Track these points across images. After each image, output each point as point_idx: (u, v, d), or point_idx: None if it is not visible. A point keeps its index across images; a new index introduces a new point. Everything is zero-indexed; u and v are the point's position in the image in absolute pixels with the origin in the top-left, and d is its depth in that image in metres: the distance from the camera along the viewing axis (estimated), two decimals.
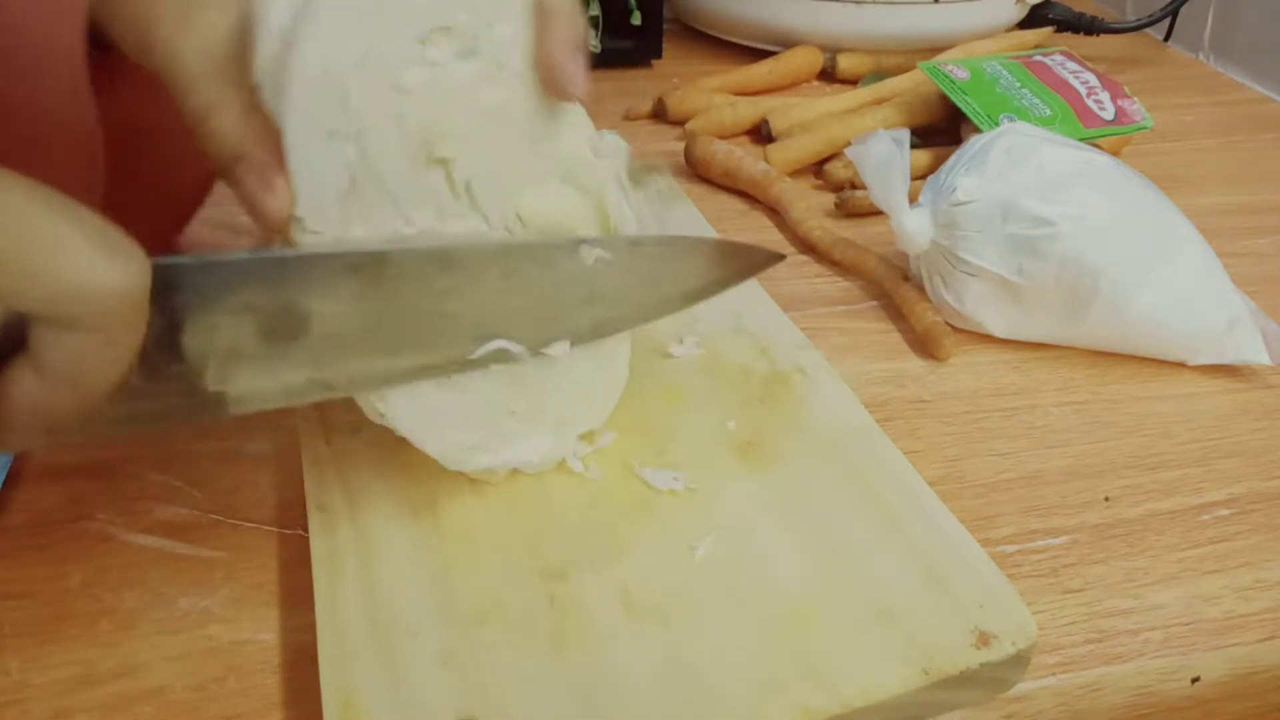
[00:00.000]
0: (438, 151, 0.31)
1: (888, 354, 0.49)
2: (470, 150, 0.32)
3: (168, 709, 0.32)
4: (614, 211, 0.35)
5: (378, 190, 0.31)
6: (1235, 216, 0.62)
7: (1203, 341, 0.47)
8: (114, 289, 0.23)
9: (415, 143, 0.31)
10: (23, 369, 0.23)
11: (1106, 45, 0.87)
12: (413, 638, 0.32)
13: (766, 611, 0.33)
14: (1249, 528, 0.40)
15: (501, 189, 0.33)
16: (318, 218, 0.30)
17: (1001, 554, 0.38)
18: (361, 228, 0.31)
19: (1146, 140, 0.69)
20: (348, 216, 0.30)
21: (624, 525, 0.36)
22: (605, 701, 0.30)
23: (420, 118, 0.31)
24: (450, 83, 0.31)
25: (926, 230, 0.48)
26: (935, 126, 0.67)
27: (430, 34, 0.30)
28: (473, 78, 0.31)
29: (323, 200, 0.30)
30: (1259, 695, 0.36)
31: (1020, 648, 0.32)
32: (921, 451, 0.43)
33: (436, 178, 0.32)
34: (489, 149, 0.32)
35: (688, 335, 0.45)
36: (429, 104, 0.31)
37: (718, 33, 0.86)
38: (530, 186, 0.34)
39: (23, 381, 0.23)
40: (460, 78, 0.31)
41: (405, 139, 0.31)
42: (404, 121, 0.31)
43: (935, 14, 0.79)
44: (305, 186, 0.30)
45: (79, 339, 0.23)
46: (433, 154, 0.31)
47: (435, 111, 0.31)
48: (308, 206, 0.30)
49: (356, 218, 0.31)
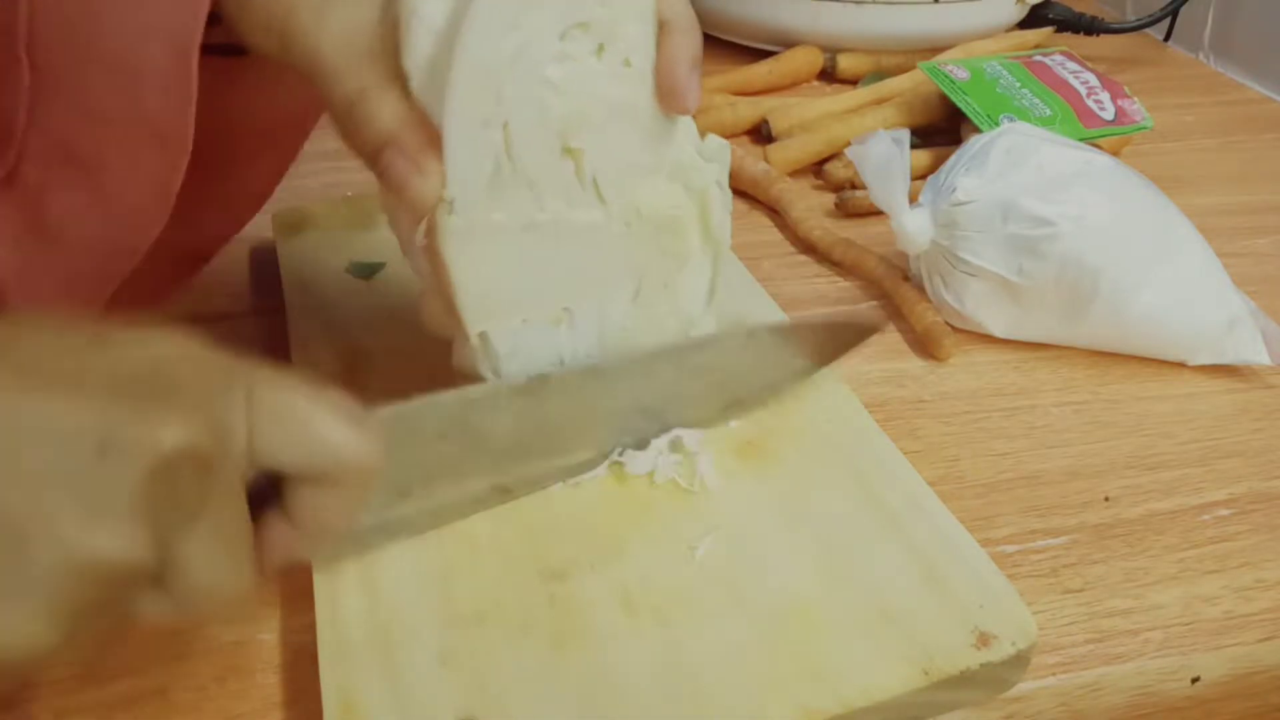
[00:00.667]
0: (572, 142, 0.33)
1: (887, 354, 0.49)
2: (599, 142, 0.34)
3: (168, 709, 0.32)
4: (715, 211, 0.37)
5: (517, 177, 0.33)
6: (1235, 216, 0.62)
7: (1203, 341, 0.47)
8: (359, 453, 0.27)
9: (554, 133, 0.33)
10: (276, 519, 0.28)
11: (1106, 45, 0.87)
12: (413, 638, 0.32)
13: (766, 611, 0.33)
14: (1249, 528, 0.40)
15: (622, 182, 0.35)
16: (464, 201, 0.32)
17: (1001, 554, 0.38)
18: (501, 213, 0.33)
19: (1146, 140, 0.69)
20: (490, 202, 0.33)
21: (624, 525, 0.36)
22: (605, 701, 0.30)
23: (560, 109, 0.33)
24: (585, 77, 0.33)
25: (926, 230, 0.48)
26: (935, 126, 0.67)
27: (570, 29, 0.32)
28: (604, 73, 0.33)
29: (470, 185, 0.32)
30: (1259, 695, 0.36)
31: (1020, 648, 0.32)
32: (921, 451, 0.43)
33: (568, 168, 0.34)
34: (614, 142, 0.34)
35: None
36: (568, 97, 0.33)
37: (718, 33, 0.86)
38: (646, 181, 0.36)
39: (277, 528, 0.28)
40: (593, 72, 0.33)
41: (546, 129, 0.33)
42: (546, 112, 0.32)
43: (935, 14, 0.79)
44: (456, 171, 0.31)
45: (327, 493, 0.28)
46: (568, 144, 0.33)
47: (573, 104, 0.33)
48: (457, 190, 0.32)
49: (498, 203, 0.33)
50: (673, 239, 0.37)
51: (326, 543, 0.29)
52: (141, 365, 0.25)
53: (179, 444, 0.24)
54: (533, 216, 0.34)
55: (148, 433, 0.24)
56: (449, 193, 0.31)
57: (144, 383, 0.24)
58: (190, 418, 0.24)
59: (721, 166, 0.38)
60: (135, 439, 0.23)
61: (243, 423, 0.26)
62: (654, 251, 0.37)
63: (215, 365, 0.26)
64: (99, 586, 0.23)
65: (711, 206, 0.37)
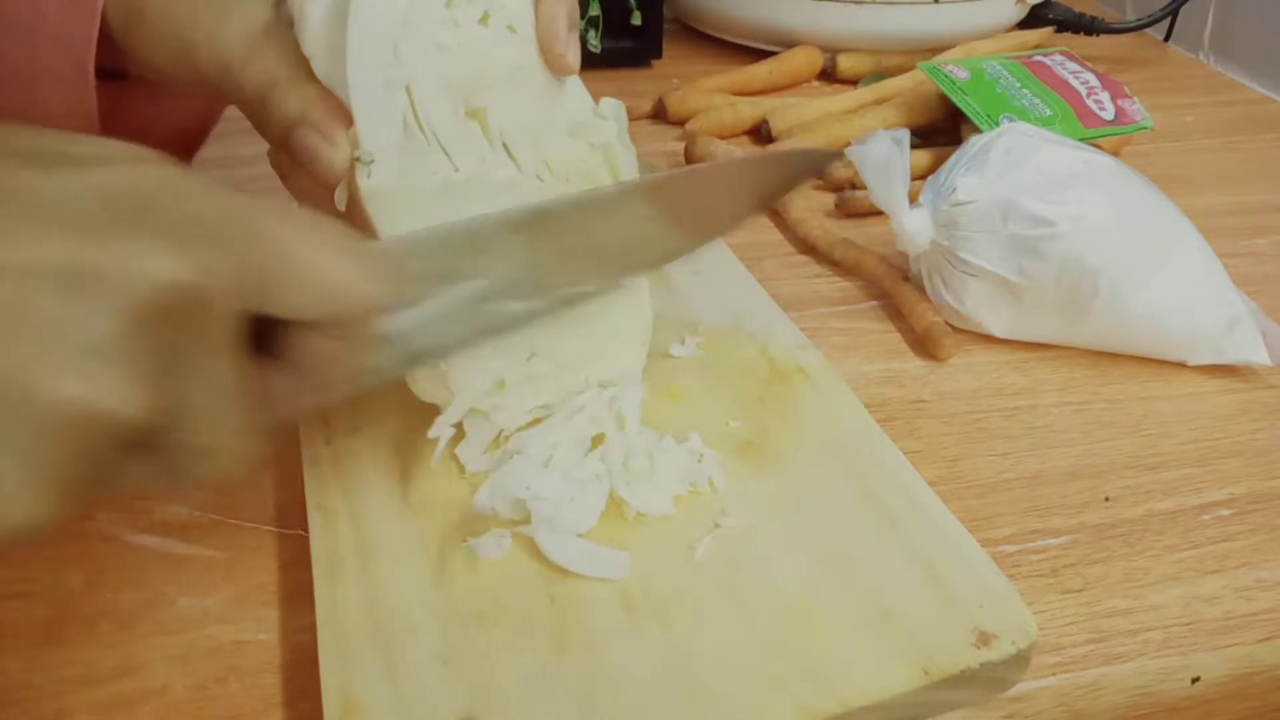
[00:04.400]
0: (473, 102, 0.35)
1: (887, 354, 0.49)
2: (499, 102, 0.36)
3: (168, 709, 0.32)
4: (621, 165, 0.39)
5: (429, 139, 0.34)
6: (1235, 216, 0.62)
7: (1203, 341, 0.47)
8: (364, 293, 0.25)
9: (456, 95, 0.35)
10: (279, 368, 0.26)
11: (1106, 45, 0.87)
12: (413, 638, 0.32)
13: (766, 611, 0.33)
14: (1249, 528, 0.40)
15: (529, 140, 0.37)
16: (380, 164, 0.33)
17: (1001, 554, 0.38)
18: (417, 174, 0.34)
19: (1146, 140, 0.69)
20: (406, 163, 0.34)
21: (624, 525, 0.36)
22: (605, 701, 0.30)
23: (457, 71, 0.35)
24: (475, 42, 0.35)
25: (926, 230, 0.48)
26: (935, 126, 0.67)
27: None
28: (491, 39, 0.35)
29: (382, 147, 0.33)
30: (1259, 695, 0.36)
31: (1020, 647, 0.32)
32: (921, 451, 0.43)
33: (474, 129, 0.36)
34: (514, 103, 0.36)
35: (688, 336, 0.45)
36: (462, 60, 0.35)
37: (718, 33, 0.86)
38: (551, 139, 0.37)
39: (280, 378, 0.26)
40: (482, 38, 0.35)
41: (448, 91, 0.35)
42: (444, 75, 0.34)
43: (935, 14, 0.79)
44: (367, 132, 0.33)
45: (329, 337, 0.26)
46: (471, 105, 0.35)
47: (468, 66, 0.35)
48: (371, 150, 0.33)
49: (413, 165, 0.34)
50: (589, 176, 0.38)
51: (335, 390, 0.27)
52: (118, 186, 0.22)
53: (167, 279, 0.21)
54: (447, 176, 0.35)
55: (131, 265, 0.21)
56: (364, 154, 0.33)
57: (123, 208, 0.22)
58: (179, 251, 0.22)
59: (620, 124, 0.39)
60: (117, 273, 0.21)
61: (239, 262, 0.23)
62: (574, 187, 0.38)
63: (206, 194, 0.23)
64: (86, 444, 0.21)
65: (618, 160, 0.39)
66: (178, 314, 0.22)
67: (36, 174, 0.21)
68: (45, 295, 0.20)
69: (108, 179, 0.22)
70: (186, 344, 0.22)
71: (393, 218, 0.34)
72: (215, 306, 0.23)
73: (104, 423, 0.21)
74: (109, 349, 0.21)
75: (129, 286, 0.21)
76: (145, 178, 0.22)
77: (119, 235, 0.21)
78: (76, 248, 0.21)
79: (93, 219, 0.21)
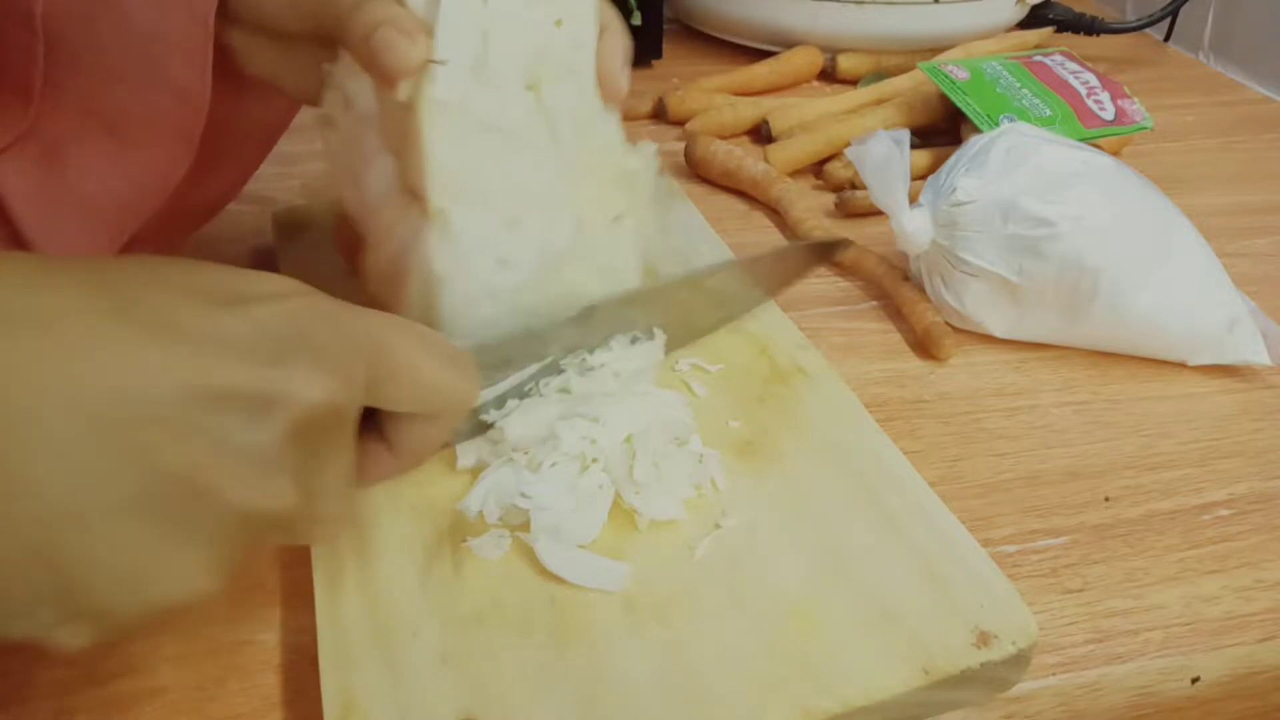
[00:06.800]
0: (535, 78, 0.36)
1: (887, 354, 0.49)
2: (554, 91, 0.37)
3: (168, 709, 0.32)
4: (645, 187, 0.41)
5: (490, 84, 0.36)
6: (1235, 216, 0.62)
7: (1203, 341, 0.47)
8: (463, 393, 0.31)
9: (522, 65, 0.36)
10: (376, 445, 0.31)
11: (1106, 45, 0.87)
12: (413, 637, 0.32)
13: (766, 611, 0.33)
14: (1249, 528, 0.40)
15: (574, 130, 0.38)
16: (448, 77, 0.34)
17: (1001, 554, 0.38)
18: (474, 107, 0.35)
19: (1146, 140, 0.69)
20: (470, 90, 0.35)
21: (628, 530, 0.36)
22: (605, 701, 0.30)
23: (529, 42, 0.36)
24: (547, 33, 0.37)
25: (926, 230, 0.48)
26: (935, 126, 0.67)
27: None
28: (561, 42, 0.37)
29: (454, 64, 0.35)
30: (1259, 695, 0.36)
31: (1020, 647, 0.32)
32: (921, 451, 0.43)
33: (530, 99, 0.37)
34: (569, 98, 0.37)
35: None
36: (535, 35, 0.36)
37: (718, 33, 0.86)
38: (591, 135, 0.39)
39: (377, 455, 0.31)
40: (552, 33, 0.37)
41: (517, 57, 0.36)
42: (518, 43, 0.36)
43: (935, 14, 0.79)
44: (445, 41, 0.34)
45: (428, 426, 0.31)
46: (531, 79, 0.37)
47: (538, 44, 0.36)
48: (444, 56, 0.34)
49: (473, 98, 0.35)
50: (613, 194, 0.40)
51: (420, 463, 0.33)
52: (278, 320, 0.26)
53: (320, 400, 0.26)
54: (499, 120, 0.36)
55: (296, 391, 0.26)
56: (438, 55, 0.34)
57: (284, 338, 0.26)
58: (328, 375, 0.26)
59: (648, 161, 0.41)
60: (286, 397, 0.25)
61: (364, 372, 0.28)
62: (596, 198, 0.39)
63: (343, 317, 0.28)
64: (250, 533, 0.26)
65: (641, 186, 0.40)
66: (321, 423, 0.26)
67: (217, 310, 0.25)
68: (228, 415, 0.25)
69: (273, 314, 0.26)
70: (324, 444, 0.27)
71: (443, 131, 0.35)
72: (347, 413, 0.28)
73: (268, 517, 0.26)
74: (275, 458, 0.25)
75: (291, 408, 0.26)
76: (301, 311, 0.27)
77: (283, 362, 0.26)
78: (251, 375, 0.25)
79: (262, 350, 0.25)
